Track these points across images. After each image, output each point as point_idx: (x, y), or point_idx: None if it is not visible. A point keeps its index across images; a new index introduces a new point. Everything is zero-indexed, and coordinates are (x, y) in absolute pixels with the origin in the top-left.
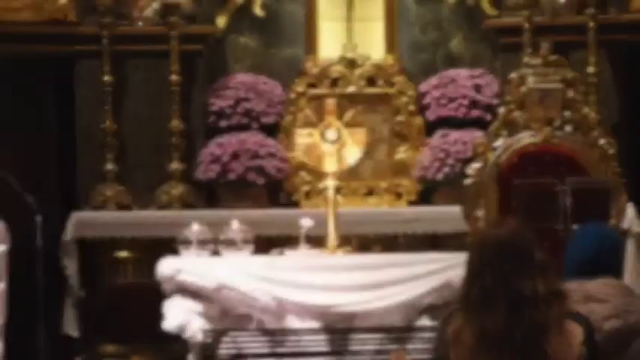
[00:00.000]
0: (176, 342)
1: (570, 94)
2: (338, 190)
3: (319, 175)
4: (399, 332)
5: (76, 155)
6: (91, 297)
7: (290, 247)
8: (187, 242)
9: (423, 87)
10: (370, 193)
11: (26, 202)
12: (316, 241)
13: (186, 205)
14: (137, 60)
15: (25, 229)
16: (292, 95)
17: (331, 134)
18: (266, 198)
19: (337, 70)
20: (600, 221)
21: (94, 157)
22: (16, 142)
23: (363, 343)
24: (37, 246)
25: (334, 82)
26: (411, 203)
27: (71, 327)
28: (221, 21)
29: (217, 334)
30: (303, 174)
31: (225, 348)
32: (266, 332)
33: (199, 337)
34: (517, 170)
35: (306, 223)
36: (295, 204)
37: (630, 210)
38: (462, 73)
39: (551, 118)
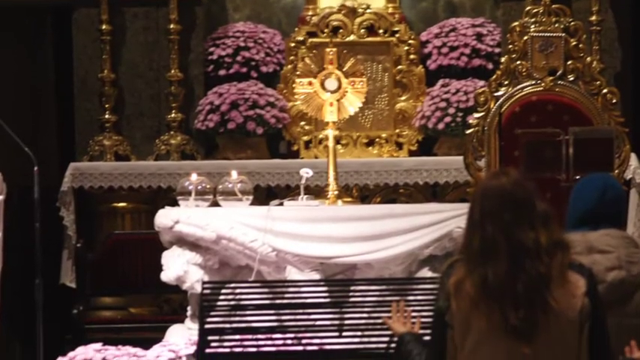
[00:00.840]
0: (174, 293)
1: (573, 42)
2: (338, 140)
3: (319, 124)
4: (399, 283)
5: (74, 105)
6: (89, 248)
7: (289, 197)
8: (186, 193)
9: (424, 36)
10: (370, 143)
11: (23, 152)
12: (316, 191)
13: (185, 155)
14: (135, 8)
15: (23, 180)
16: (292, 44)
17: (331, 84)
18: (265, 148)
19: (337, 18)
20: (603, 171)
21: (91, 107)
22: (14, 92)
23: (364, 294)
24: (34, 197)
25: (334, 31)
26: (412, 153)
27: (68, 278)
28: None
29: (216, 286)
30: (303, 124)
31: (224, 299)
32: (265, 284)
33: (198, 288)
34: (519, 120)
35: (306, 173)
36: (295, 154)
37: (633, 160)
38: (463, 22)
39: (554, 67)
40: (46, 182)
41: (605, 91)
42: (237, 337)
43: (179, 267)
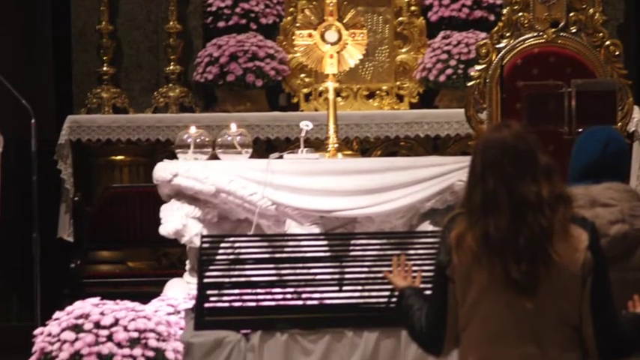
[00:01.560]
0: (173, 247)
1: None
2: (338, 92)
3: (319, 77)
4: (400, 237)
5: (72, 57)
6: (87, 202)
7: (289, 150)
8: (184, 146)
9: None
10: (371, 95)
11: (21, 105)
12: (316, 144)
13: (184, 107)
14: None
15: (20, 133)
16: None
17: (331, 35)
18: (265, 100)
19: None
20: (606, 124)
21: (89, 59)
22: (11, 44)
23: (364, 248)
24: (31, 150)
25: None
26: (413, 106)
27: (66, 232)
28: None
29: (215, 240)
30: (303, 76)
31: (223, 253)
32: (265, 237)
33: (197, 242)
34: (521, 72)
35: (306, 126)
36: (295, 106)
37: (636, 112)
38: None
39: (556, 19)
40: (44, 135)
41: (607, 43)
42: (237, 291)
43: (178, 220)
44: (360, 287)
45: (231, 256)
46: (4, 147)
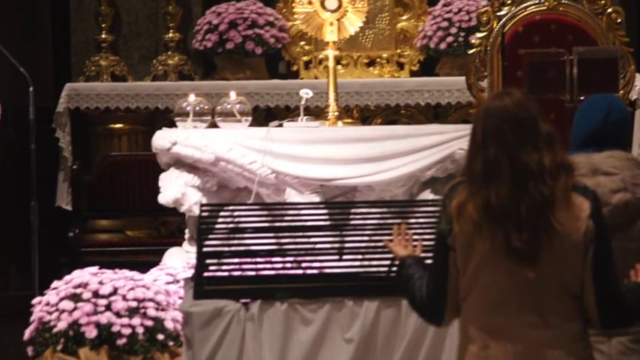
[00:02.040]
0: (172, 216)
1: None
2: (338, 60)
3: (319, 44)
4: (400, 206)
5: (70, 25)
6: (85, 170)
7: (289, 118)
8: (184, 114)
9: None
10: (371, 63)
11: (19, 72)
12: (316, 112)
13: (183, 75)
14: None
15: (18, 101)
16: None
17: (331, 2)
18: (264, 68)
19: None
20: (608, 92)
21: (88, 26)
22: (9, 12)
23: (364, 217)
24: (29, 118)
25: None
26: (413, 74)
27: (64, 201)
28: None
29: (214, 208)
30: (303, 43)
31: (222, 222)
32: (264, 206)
33: (196, 210)
34: (522, 40)
35: (306, 94)
36: (294, 74)
37: (638, 80)
38: None
39: None
40: (42, 103)
41: (609, 10)
42: (236, 260)
43: (177, 189)
44: (360, 256)
45: (231, 225)
46: (2, 115)
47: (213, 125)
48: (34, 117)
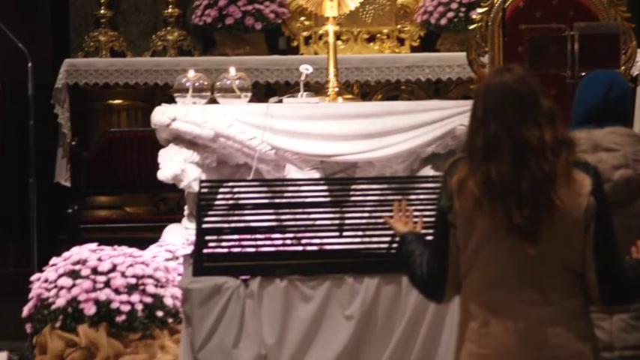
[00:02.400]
0: (171, 192)
1: None
2: (338, 35)
3: (319, 20)
4: (401, 182)
5: (69, 0)
6: (84, 146)
7: (289, 94)
8: (183, 90)
9: None
10: (371, 38)
11: (17, 48)
12: (316, 88)
13: (182, 51)
14: None
15: (17, 77)
16: None
17: None
18: (264, 44)
19: None
20: (609, 68)
21: (86, 1)
22: None
23: (365, 193)
24: (28, 93)
25: None
26: (414, 49)
27: (63, 177)
28: None
29: (214, 185)
30: (303, 19)
31: (222, 198)
32: (264, 182)
33: (195, 187)
34: (523, 15)
35: (306, 69)
36: (294, 50)
37: None
38: None
39: None
40: (41, 79)
41: None
42: (236, 236)
43: (176, 165)
44: (360, 233)
45: (230, 202)
46: (1, 92)
47: (213, 101)
48: (33, 93)
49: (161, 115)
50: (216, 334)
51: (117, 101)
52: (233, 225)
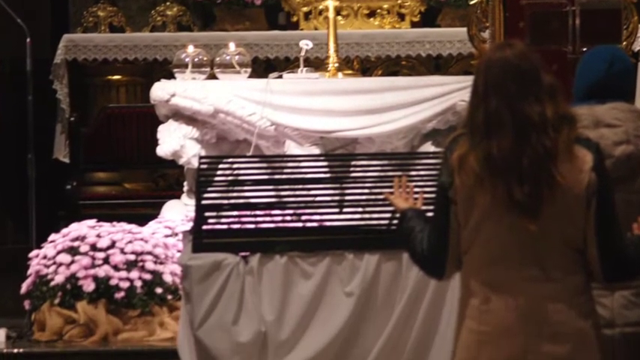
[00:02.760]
0: (171, 168)
1: None
2: (338, 10)
3: None
4: (401, 158)
5: None
6: (83, 122)
7: (289, 70)
8: (182, 65)
9: None
10: (372, 14)
11: (16, 23)
12: (316, 63)
13: (182, 26)
14: None
15: (15, 52)
16: None
17: None
18: (264, 19)
19: None
20: (611, 43)
21: None
22: None
23: (365, 169)
24: (26, 69)
25: None
26: (414, 24)
27: (62, 153)
28: None
29: (213, 161)
30: None
31: (221, 175)
32: (264, 158)
33: (195, 163)
34: None
35: (306, 45)
36: (294, 25)
37: None
38: None
39: None
40: (40, 55)
41: None
42: (235, 213)
43: (175, 141)
44: (360, 209)
45: (230, 178)
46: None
47: (212, 77)
48: (32, 68)
49: (160, 90)
50: (215, 311)
51: (116, 77)
52: (233, 201)
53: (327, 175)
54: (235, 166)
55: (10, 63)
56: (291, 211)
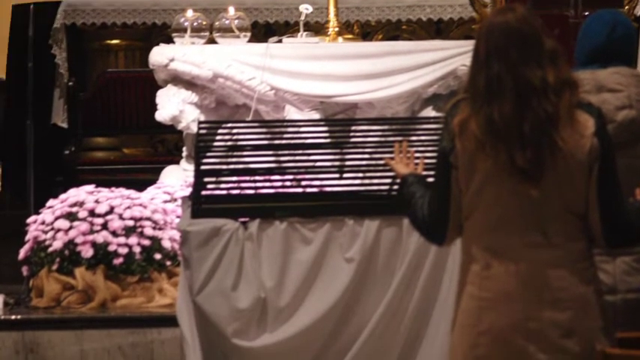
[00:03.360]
0: (169, 133)
1: None
2: None
3: None
4: (402, 123)
5: None
6: (81, 87)
7: (288, 34)
8: (181, 30)
9: None
10: None
11: None
12: (316, 28)
13: None
14: None
15: (18, 19)
16: None
17: None
18: None
19: None
20: (613, 7)
21: None
22: None
23: (365, 134)
24: (27, 34)
25: None
26: None
27: (60, 118)
28: None
29: (213, 126)
30: None
31: (220, 140)
32: (263, 123)
33: (194, 128)
34: None
35: (306, 9)
36: None
37: None
38: None
39: None
40: (39, 20)
41: None
42: (234, 178)
43: (174, 106)
44: (361, 174)
45: (229, 143)
46: None
47: (212, 41)
48: (32, 34)
49: (159, 55)
50: (214, 277)
51: (114, 41)
52: (232, 166)
53: (327, 141)
54: (235, 131)
55: (10, 30)
56: (290, 177)
